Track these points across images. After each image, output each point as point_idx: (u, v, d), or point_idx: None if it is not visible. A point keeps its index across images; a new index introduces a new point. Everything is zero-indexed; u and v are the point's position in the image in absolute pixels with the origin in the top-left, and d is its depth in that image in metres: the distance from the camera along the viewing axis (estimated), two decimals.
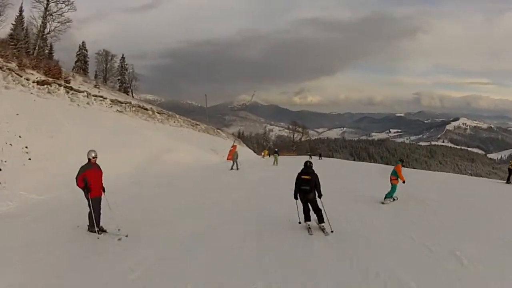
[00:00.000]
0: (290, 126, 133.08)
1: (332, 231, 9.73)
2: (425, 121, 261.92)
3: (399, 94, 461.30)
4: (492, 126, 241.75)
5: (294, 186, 10.13)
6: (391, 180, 14.20)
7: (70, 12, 50.73)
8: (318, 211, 10.04)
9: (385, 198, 13.93)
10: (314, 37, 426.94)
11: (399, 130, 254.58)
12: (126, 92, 69.64)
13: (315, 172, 10.19)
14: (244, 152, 59.40)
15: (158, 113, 51.98)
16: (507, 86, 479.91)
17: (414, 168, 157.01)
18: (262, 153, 66.25)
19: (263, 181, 22.63)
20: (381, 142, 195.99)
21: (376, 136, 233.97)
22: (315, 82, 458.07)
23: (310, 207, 10.08)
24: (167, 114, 55.36)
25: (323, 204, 10.06)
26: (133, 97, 66.15)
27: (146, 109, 50.03)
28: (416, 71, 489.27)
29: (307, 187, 9.79)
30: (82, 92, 39.17)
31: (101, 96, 42.32)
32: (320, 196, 9.99)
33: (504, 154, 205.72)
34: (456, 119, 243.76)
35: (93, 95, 40.67)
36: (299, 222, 10.29)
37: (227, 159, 45.27)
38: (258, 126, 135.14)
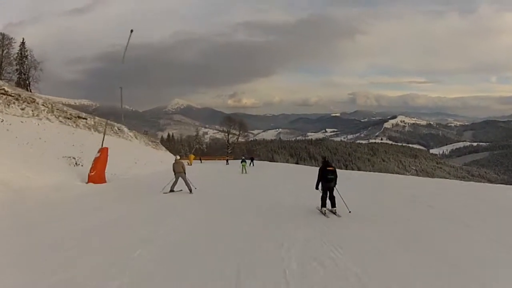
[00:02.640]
0: (224, 126, 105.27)
1: (349, 211, 10.92)
2: (362, 120, 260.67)
3: (334, 95, 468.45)
4: (431, 122, 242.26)
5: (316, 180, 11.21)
6: None
7: None
8: (334, 198, 11.10)
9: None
10: (250, 40, 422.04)
11: (336, 130, 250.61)
12: (25, 85, 51.99)
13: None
14: (164, 158, 44.46)
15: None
16: (444, 84, 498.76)
17: (358, 169, 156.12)
18: (187, 161, 51.25)
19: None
20: (320, 142, 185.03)
21: (312, 136, 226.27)
22: (250, 84, 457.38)
23: (328, 194, 11.13)
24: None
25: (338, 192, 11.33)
26: (30, 90, 47.11)
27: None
28: (352, 72, 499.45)
29: (332, 176, 10.91)
30: None
31: None
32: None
33: (446, 149, 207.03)
34: (394, 117, 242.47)
35: None
36: (322, 211, 11.05)
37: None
38: (192, 129, 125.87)
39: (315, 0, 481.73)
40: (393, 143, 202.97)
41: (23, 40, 55.65)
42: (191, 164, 46.80)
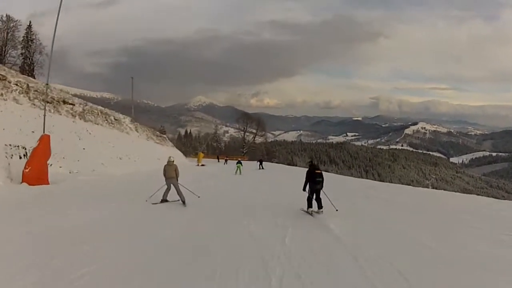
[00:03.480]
0: (240, 124, 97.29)
1: (336, 210, 11.64)
2: (383, 125, 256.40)
3: (357, 98, 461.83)
4: (452, 130, 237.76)
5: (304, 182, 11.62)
6: None
7: None
8: (320, 200, 11.53)
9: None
10: (275, 39, 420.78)
11: (357, 134, 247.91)
12: (30, 71, 48.06)
13: None
14: (165, 155, 40.06)
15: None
16: (466, 91, 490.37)
17: (379, 175, 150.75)
18: (197, 159, 50.13)
19: None
20: (341, 145, 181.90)
21: (333, 139, 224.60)
22: (273, 84, 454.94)
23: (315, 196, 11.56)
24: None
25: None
26: (34, 76, 44.65)
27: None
28: (375, 75, 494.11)
29: (320, 179, 11.42)
30: None
31: None
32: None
33: (466, 158, 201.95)
34: (415, 124, 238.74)
35: None
36: (307, 211, 11.63)
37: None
38: (213, 127, 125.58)
39: (340, 1, 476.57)
40: (414, 150, 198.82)
41: (29, 23, 52.51)
42: (199, 164, 43.65)
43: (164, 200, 12.65)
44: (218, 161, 55.59)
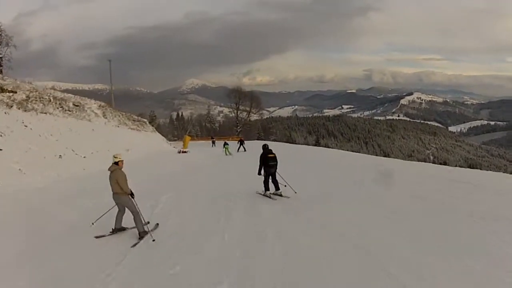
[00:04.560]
0: (231, 99, 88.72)
1: (295, 192, 11.82)
2: (378, 97, 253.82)
3: (350, 72, 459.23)
4: (448, 100, 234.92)
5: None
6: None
7: None
8: (276, 182, 11.82)
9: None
10: (265, 18, 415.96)
11: (352, 106, 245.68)
12: None
13: None
14: (139, 144, 35.56)
15: None
16: (460, 61, 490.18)
17: (379, 146, 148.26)
18: (182, 145, 42.90)
19: None
20: (338, 118, 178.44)
21: (329, 112, 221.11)
22: (265, 62, 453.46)
23: (271, 179, 11.82)
24: None
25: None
26: (1, 72, 38.09)
27: None
28: (367, 49, 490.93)
29: (274, 163, 11.77)
30: None
31: None
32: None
33: (463, 127, 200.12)
34: (410, 94, 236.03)
35: None
36: (263, 194, 11.91)
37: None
38: (208, 108, 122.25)
39: None
40: (411, 120, 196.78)
41: None
42: (182, 150, 36.34)
43: (116, 230, 8.20)
44: (213, 146, 45.63)
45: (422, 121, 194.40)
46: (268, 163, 11.65)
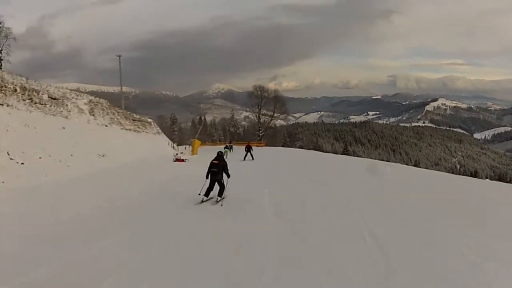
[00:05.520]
0: (252, 99, 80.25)
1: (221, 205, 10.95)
2: (403, 103, 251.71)
3: (374, 77, 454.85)
4: (472, 106, 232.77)
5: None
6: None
7: None
8: (222, 186, 11.61)
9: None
10: (289, 22, 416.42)
11: (378, 112, 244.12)
12: None
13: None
14: (147, 145, 33.31)
15: None
16: (482, 66, 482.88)
17: (406, 154, 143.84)
18: (190, 147, 40.90)
19: None
20: (365, 124, 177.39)
21: (354, 119, 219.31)
22: (290, 67, 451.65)
23: (216, 185, 11.58)
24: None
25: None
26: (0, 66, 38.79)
27: None
28: (391, 53, 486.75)
29: (215, 169, 11.49)
30: None
31: None
32: (228, 176, 11.80)
33: (488, 134, 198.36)
34: (434, 100, 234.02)
35: None
36: (199, 194, 11.47)
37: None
38: (231, 112, 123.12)
39: None
40: (436, 126, 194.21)
41: None
42: (182, 158, 28.64)
43: None
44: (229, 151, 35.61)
45: (447, 128, 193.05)
46: (210, 169, 11.62)
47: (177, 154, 29.42)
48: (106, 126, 30.84)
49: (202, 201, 11.25)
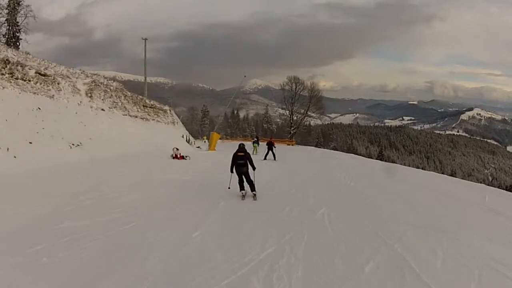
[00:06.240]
0: (286, 91, 75.20)
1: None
2: (439, 110, 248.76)
3: (412, 82, 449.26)
4: (506, 118, 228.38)
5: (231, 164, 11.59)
6: None
7: None
8: (251, 182, 11.55)
9: None
10: (330, 22, 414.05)
11: (413, 118, 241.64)
12: (16, 40, 39.43)
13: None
14: (152, 136, 29.71)
15: None
16: None
17: (440, 162, 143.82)
18: (204, 139, 40.62)
19: None
20: (400, 129, 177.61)
21: (389, 123, 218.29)
22: (329, 67, 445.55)
23: (244, 179, 11.52)
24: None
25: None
26: (18, 46, 38.04)
27: None
28: (429, 59, 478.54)
29: (242, 161, 11.46)
30: None
31: None
32: (254, 169, 11.67)
33: None
34: (470, 109, 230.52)
35: None
36: (229, 188, 11.66)
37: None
38: (265, 108, 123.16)
39: None
40: (470, 136, 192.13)
41: None
42: (182, 155, 23.48)
43: None
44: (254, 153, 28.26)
45: (481, 139, 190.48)
46: (237, 161, 11.52)
47: (177, 149, 23.95)
48: (102, 110, 26.86)
49: (243, 196, 11.38)
